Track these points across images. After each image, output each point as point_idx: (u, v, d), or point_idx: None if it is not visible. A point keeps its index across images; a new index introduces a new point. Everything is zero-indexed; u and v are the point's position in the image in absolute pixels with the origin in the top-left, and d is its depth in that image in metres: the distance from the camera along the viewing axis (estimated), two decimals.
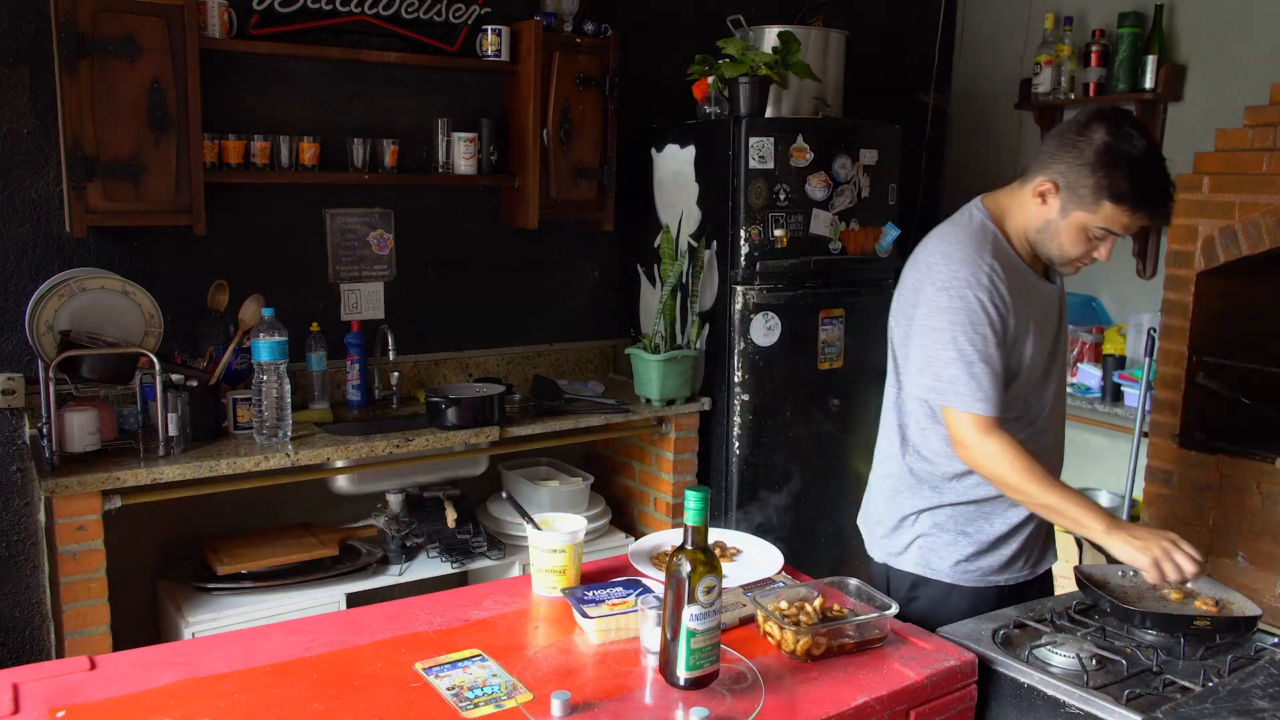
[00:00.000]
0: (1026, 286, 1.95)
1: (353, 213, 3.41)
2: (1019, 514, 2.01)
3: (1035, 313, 1.95)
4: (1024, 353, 1.94)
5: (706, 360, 3.59)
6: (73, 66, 2.70)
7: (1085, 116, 1.86)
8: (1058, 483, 1.86)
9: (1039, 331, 1.95)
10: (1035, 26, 4.16)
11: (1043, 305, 1.99)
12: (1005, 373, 1.91)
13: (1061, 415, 2.13)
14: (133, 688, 1.47)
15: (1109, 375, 3.63)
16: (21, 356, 2.91)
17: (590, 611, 1.68)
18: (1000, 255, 1.92)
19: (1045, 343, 1.98)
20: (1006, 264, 1.92)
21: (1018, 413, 1.98)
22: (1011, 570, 2.06)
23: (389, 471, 3.13)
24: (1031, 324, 1.94)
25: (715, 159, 3.49)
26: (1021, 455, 1.85)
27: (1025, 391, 1.98)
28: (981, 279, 1.87)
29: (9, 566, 2.97)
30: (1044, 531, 2.11)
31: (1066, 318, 2.11)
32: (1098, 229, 1.85)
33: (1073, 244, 1.89)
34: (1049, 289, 2.02)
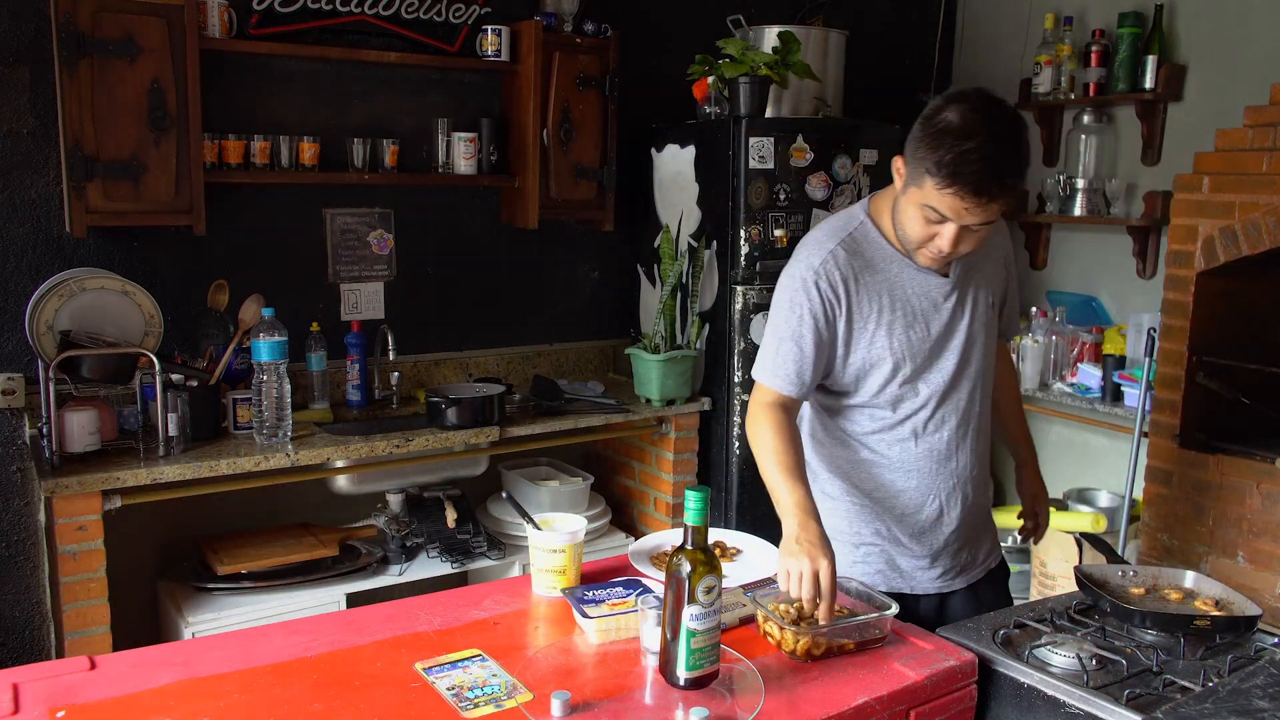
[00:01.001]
0: (891, 275, 1.88)
1: (353, 213, 3.41)
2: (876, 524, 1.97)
3: (899, 304, 1.88)
4: (875, 345, 1.87)
5: (706, 360, 3.59)
6: (73, 66, 2.70)
7: (945, 94, 1.79)
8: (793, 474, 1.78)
9: (904, 323, 1.87)
10: (1035, 26, 4.16)
11: (918, 296, 1.89)
12: (852, 365, 1.88)
13: (974, 419, 1.96)
14: (133, 688, 1.47)
15: (1109, 375, 3.63)
16: (21, 356, 2.91)
17: (590, 611, 1.67)
18: (856, 242, 1.88)
19: (916, 336, 1.88)
20: (863, 250, 1.87)
21: (891, 411, 1.91)
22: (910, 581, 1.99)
23: (389, 471, 3.13)
24: (888, 315, 1.87)
25: (715, 159, 3.49)
26: (777, 436, 1.82)
27: (890, 389, 1.90)
28: (814, 263, 1.86)
29: (9, 566, 2.97)
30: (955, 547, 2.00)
31: (983, 314, 1.95)
32: (928, 208, 1.74)
33: (912, 224, 1.79)
34: (934, 281, 1.89)
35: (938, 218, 1.74)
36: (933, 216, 1.75)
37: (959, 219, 1.72)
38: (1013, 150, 1.70)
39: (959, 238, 1.75)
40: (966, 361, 1.93)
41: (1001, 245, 2.04)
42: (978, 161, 1.66)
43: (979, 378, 1.96)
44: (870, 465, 1.96)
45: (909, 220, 1.80)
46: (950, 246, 1.76)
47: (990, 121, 1.68)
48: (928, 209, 1.74)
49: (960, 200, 1.69)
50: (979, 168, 1.66)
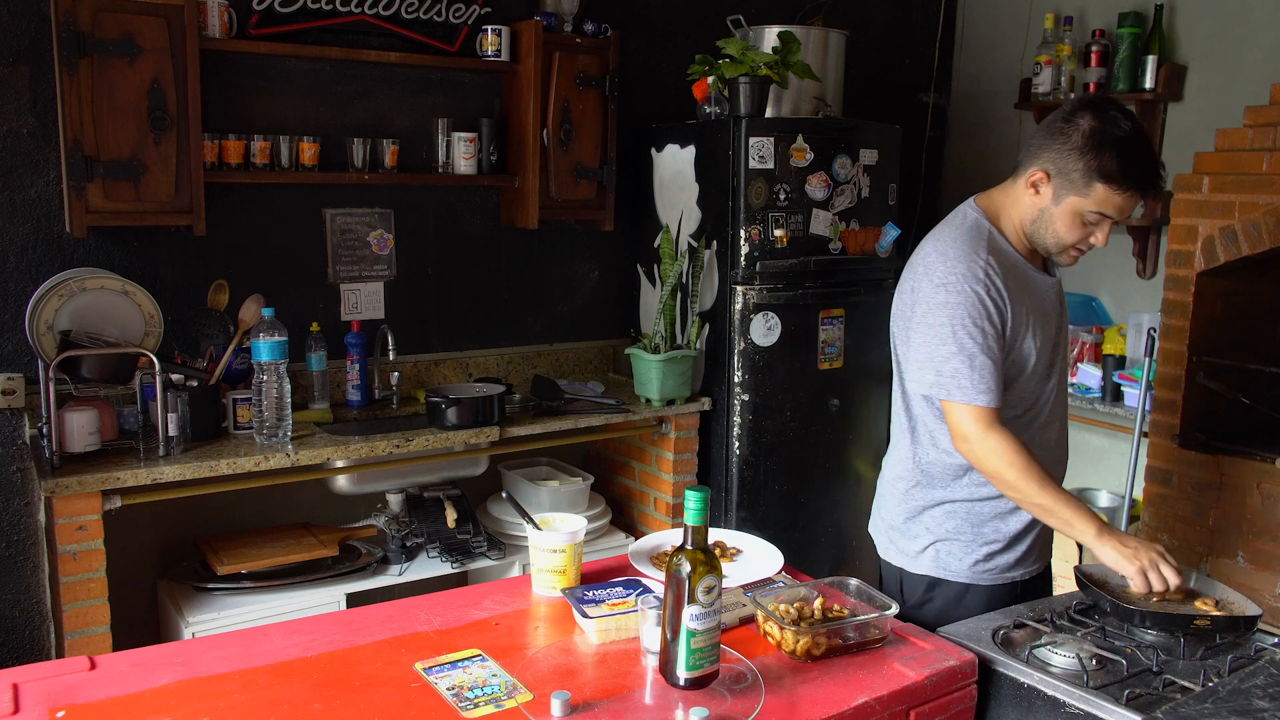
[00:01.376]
0: (1025, 280, 1.96)
1: (353, 213, 3.41)
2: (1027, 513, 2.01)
3: (1035, 306, 1.97)
4: (1026, 347, 1.95)
5: (706, 360, 3.59)
6: (73, 66, 2.70)
7: (1071, 105, 1.90)
8: (1053, 483, 1.87)
9: (1040, 325, 1.97)
10: (1035, 26, 4.16)
11: (1043, 298, 2.00)
12: (1008, 367, 1.92)
13: (1064, 409, 2.13)
14: (133, 688, 1.47)
15: (1109, 375, 3.63)
16: (21, 356, 2.91)
17: (590, 611, 1.68)
18: (996, 251, 1.93)
19: (1047, 336, 1.99)
20: (1003, 259, 1.93)
21: (1023, 409, 1.99)
22: (1024, 566, 2.06)
23: (389, 471, 3.13)
24: (1032, 318, 1.95)
25: (715, 159, 3.49)
26: (1020, 452, 1.85)
27: (1029, 387, 1.99)
28: (978, 273, 1.89)
29: (9, 566, 2.97)
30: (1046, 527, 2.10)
31: (1067, 312, 2.12)
32: (1091, 213, 1.87)
33: (1068, 230, 1.90)
34: (1048, 282, 2.04)
35: (1098, 218, 1.88)
36: (1093, 219, 1.88)
37: (1120, 216, 1.87)
38: (1150, 142, 1.88)
39: (1109, 233, 1.91)
40: (1065, 357, 2.09)
41: None
42: (1150, 158, 1.84)
43: (1066, 374, 2.12)
44: None
45: (1065, 228, 1.91)
46: (1104, 242, 1.92)
47: (1136, 123, 1.85)
48: (1090, 213, 1.87)
49: (1135, 198, 1.85)
50: (1154, 164, 1.84)
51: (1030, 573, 2.08)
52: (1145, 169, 1.84)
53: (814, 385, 3.61)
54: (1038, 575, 2.12)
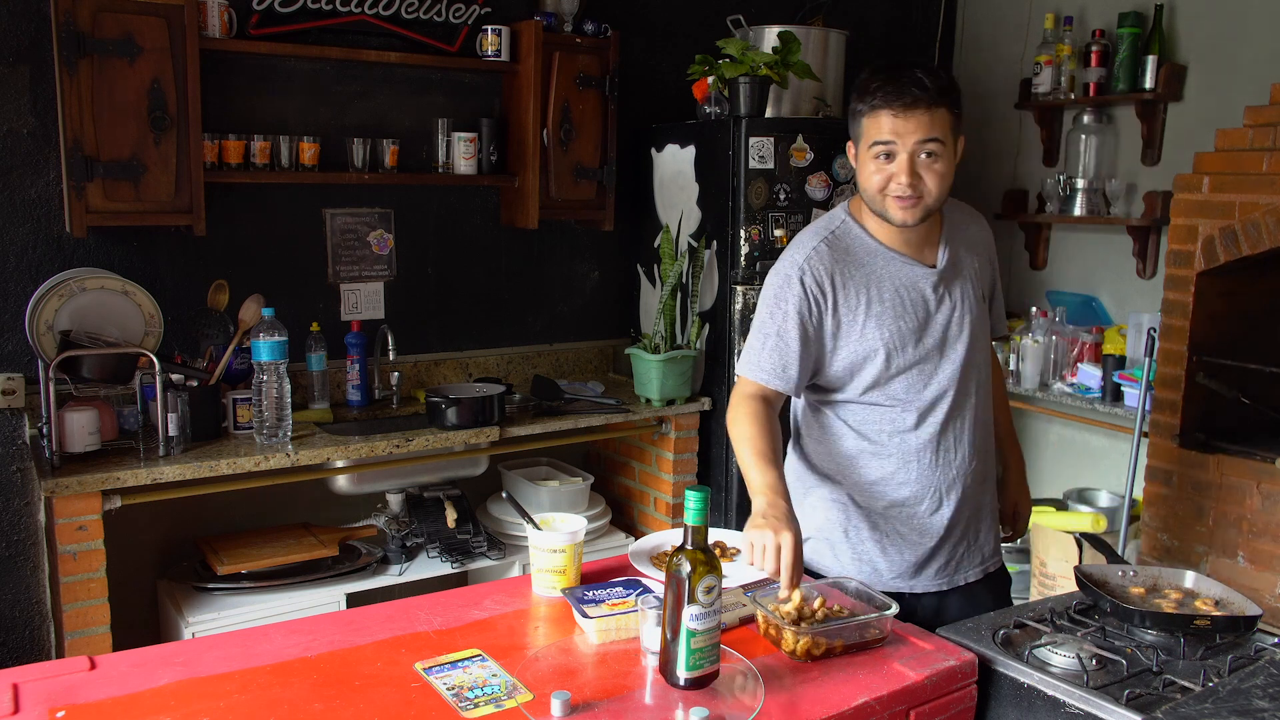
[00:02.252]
0: (877, 268, 1.92)
1: (353, 213, 3.41)
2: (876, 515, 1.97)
3: (888, 295, 1.91)
4: (867, 335, 1.89)
5: (706, 360, 3.59)
6: (73, 66, 2.70)
7: None
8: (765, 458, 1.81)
9: (894, 315, 1.90)
10: (1035, 26, 4.16)
11: (905, 287, 1.92)
12: (846, 355, 1.91)
13: (972, 418, 1.98)
14: (133, 688, 1.47)
15: (1109, 375, 3.63)
16: (21, 356, 2.91)
17: (590, 611, 1.67)
18: (838, 239, 1.94)
19: (905, 329, 1.91)
20: (847, 246, 1.93)
21: (893, 404, 1.92)
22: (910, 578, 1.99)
23: (389, 471, 3.13)
24: (878, 305, 1.90)
25: (715, 159, 3.49)
26: (752, 423, 1.86)
27: (890, 383, 1.92)
28: (797, 260, 1.92)
29: (9, 566, 2.97)
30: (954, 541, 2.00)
31: (966, 305, 1.96)
32: (874, 147, 1.83)
33: (869, 177, 1.86)
34: (920, 271, 1.93)
35: (885, 150, 1.83)
36: (880, 151, 1.83)
37: (903, 140, 1.81)
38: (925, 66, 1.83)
39: (913, 166, 1.82)
40: (958, 351, 1.95)
41: (985, 241, 2.08)
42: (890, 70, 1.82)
43: (974, 369, 1.98)
44: (869, 458, 1.96)
45: (866, 176, 1.87)
46: (908, 174, 1.82)
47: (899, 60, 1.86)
48: (875, 147, 1.83)
49: (893, 115, 1.80)
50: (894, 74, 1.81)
51: (926, 586, 1.99)
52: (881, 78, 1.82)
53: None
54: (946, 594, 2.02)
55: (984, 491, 2.06)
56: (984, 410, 2.02)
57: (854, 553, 1.98)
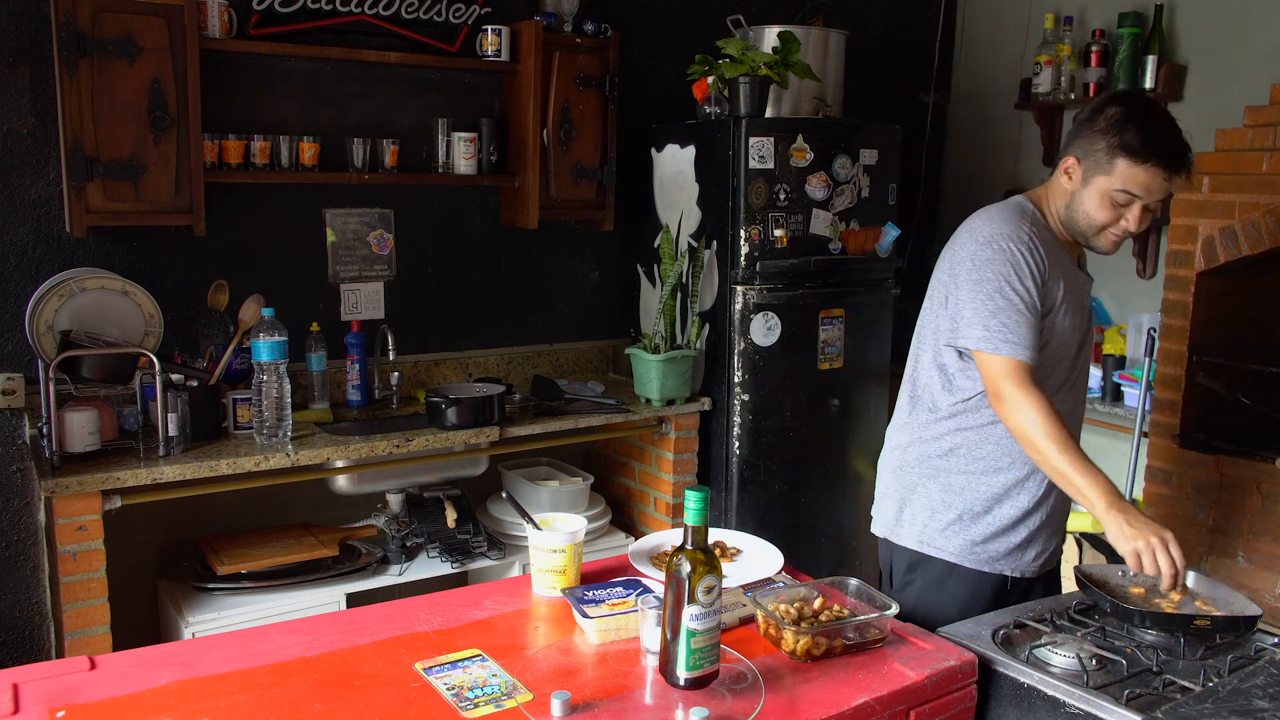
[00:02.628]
0: (1065, 264, 2.01)
1: (353, 213, 3.41)
2: (1028, 498, 2.01)
3: (1072, 291, 2.00)
4: (1059, 321, 1.97)
5: (706, 360, 3.59)
6: (73, 66, 2.70)
7: (1103, 98, 1.98)
8: (1077, 450, 1.84)
9: (1074, 309, 2.00)
10: (1035, 26, 4.16)
11: (1078, 289, 2.04)
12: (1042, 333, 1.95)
13: (1080, 403, 2.14)
14: (133, 688, 1.47)
15: (1109, 375, 3.63)
16: (21, 356, 2.91)
17: (590, 611, 1.68)
18: (1038, 226, 1.99)
19: (1077, 323, 2.02)
20: (1044, 237, 1.98)
21: (1046, 380, 2.00)
22: (1017, 559, 2.05)
23: (389, 471, 3.13)
24: (1070, 299, 1.99)
25: (715, 159, 3.49)
26: (1051, 413, 1.85)
27: (1054, 366, 2.01)
28: (1022, 236, 1.94)
29: (9, 566, 2.97)
30: (1055, 524, 2.10)
31: (1094, 318, 2.17)
32: (1118, 192, 1.90)
33: (1097, 209, 1.93)
34: (1084, 277, 2.08)
35: (1126, 199, 1.90)
36: (1121, 199, 1.90)
37: (1148, 196, 1.89)
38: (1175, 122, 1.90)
39: (1142, 218, 1.91)
40: (1088, 357, 2.09)
41: None
42: (1173, 136, 1.88)
43: (1087, 376, 2.13)
44: (1003, 436, 2.00)
45: (1093, 209, 1.93)
46: (1136, 225, 1.92)
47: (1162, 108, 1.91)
48: (1117, 193, 1.89)
49: (1157, 172, 1.86)
50: (1176, 141, 1.87)
51: (1024, 570, 2.06)
52: (1165, 141, 1.87)
53: (814, 385, 3.61)
54: (1036, 579, 2.10)
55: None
56: (1082, 405, 2.15)
57: (965, 535, 2.03)
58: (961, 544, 2.02)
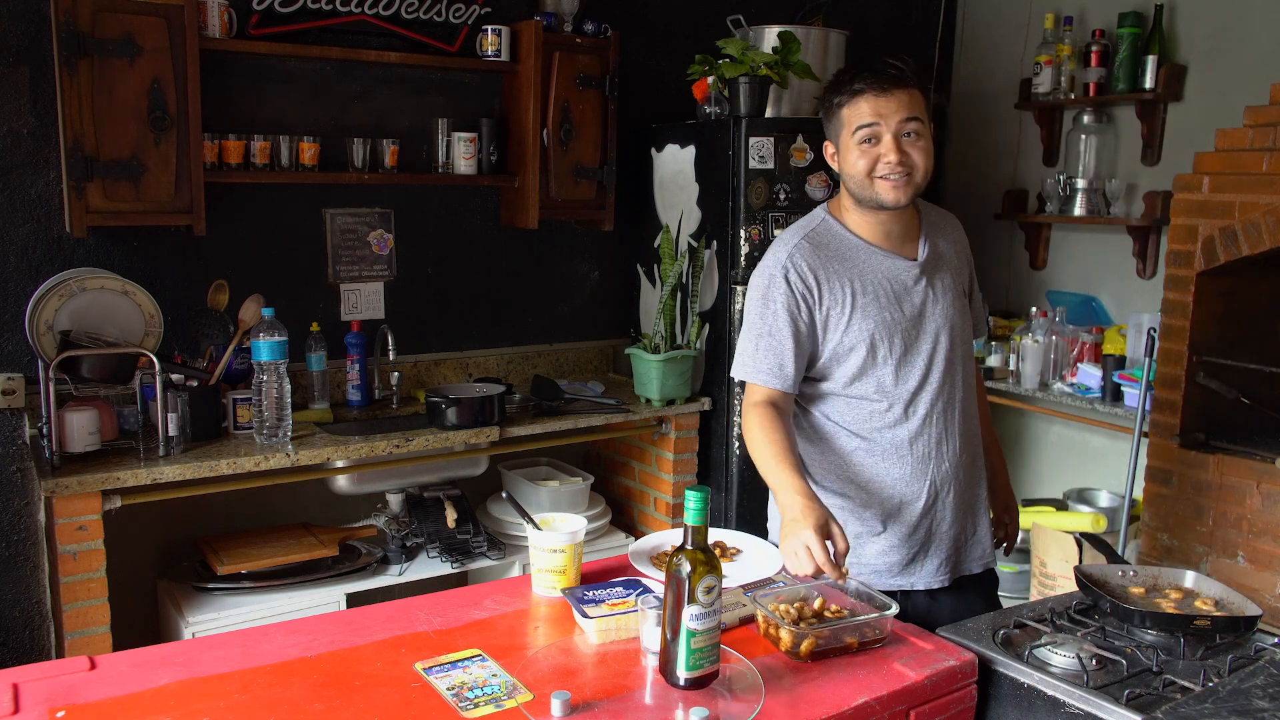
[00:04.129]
0: (859, 262, 1.95)
1: (353, 213, 3.41)
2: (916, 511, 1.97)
3: (871, 286, 1.93)
4: (853, 328, 1.92)
5: (706, 360, 3.59)
6: (73, 66, 2.70)
7: None
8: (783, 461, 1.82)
9: (878, 305, 1.93)
10: (1035, 26, 4.16)
11: (887, 279, 1.95)
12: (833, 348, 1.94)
13: (957, 411, 2.00)
14: (133, 688, 1.47)
15: (1109, 375, 3.63)
16: (21, 356, 2.91)
17: (590, 611, 1.67)
18: (819, 236, 1.98)
19: (891, 320, 1.93)
20: (827, 243, 1.97)
21: (883, 400, 1.94)
22: (917, 573, 1.99)
23: (389, 471, 3.13)
24: (862, 297, 1.92)
25: (715, 159, 3.49)
26: (767, 429, 1.87)
27: (877, 374, 1.93)
28: (781, 258, 1.95)
29: (9, 566, 2.97)
30: (954, 532, 2.01)
31: (948, 297, 1.99)
32: (857, 132, 1.90)
33: (854, 162, 1.92)
34: (901, 264, 1.96)
35: (867, 134, 1.89)
36: (863, 136, 1.90)
37: (886, 120, 1.87)
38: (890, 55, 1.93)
39: (899, 145, 1.88)
40: (942, 343, 1.98)
41: (961, 240, 2.12)
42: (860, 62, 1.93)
43: (959, 362, 2.01)
44: (863, 455, 1.97)
45: (851, 163, 1.92)
46: (896, 152, 1.88)
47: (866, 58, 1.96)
48: (860, 132, 1.89)
49: (874, 96, 1.87)
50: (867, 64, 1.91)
51: (929, 582, 1.99)
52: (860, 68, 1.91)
53: None
54: (949, 588, 2.02)
55: (978, 484, 2.08)
56: (970, 403, 2.06)
57: (855, 553, 1.98)
58: (863, 565, 1.99)
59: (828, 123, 1.99)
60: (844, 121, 1.93)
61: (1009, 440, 4.30)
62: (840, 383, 1.96)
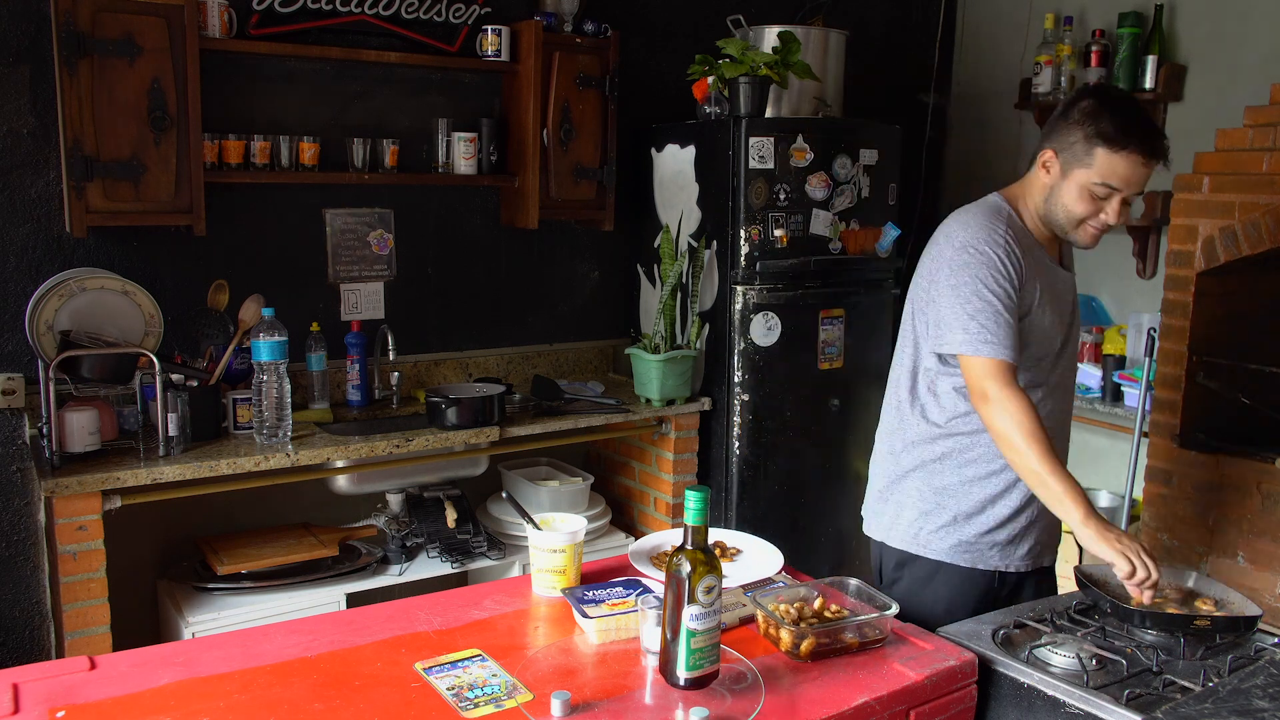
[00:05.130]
0: (1041, 262, 2.01)
1: (353, 213, 3.41)
2: (1019, 496, 2.01)
3: (1049, 288, 2.00)
4: (1038, 320, 1.98)
5: (706, 360, 3.59)
6: (73, 66, 2.70)
7: (1076, 92, 2.00)
8: (1056, 456, 1.84)
9: (1053, 307, 2.00)
10: (1035, 26, 4.16)
11: (1057, 286, 2.04)
12: (1021, 333, 1.95)
13: (1067, 403, 2.14)
14: (133, 688, 1.47)
15: (1109, 375, 3.63)
16: (21, 356, 2.91)
17: (590, 611, 1.68)
18: (1014, 228, 1.99)
19: (1058, 320, 2.02)
20: (1021, 237, 1.99)
21: (1030, 380, 2.01)
22: (1007, 557, 2.05)
23: (389, 471, 3.13)
24: (1047, 297, 1.99)
25: (715, 159, 3.49)
26: (1033, 416, 1.85)
27: (1036, 366, 2.01)
28: (997, 238, 1.94)
29: (9, 566, 2.97)
30: (1046, 520, 2.09)
31: (1079, 313, 2.14)
32: (1097, 184, 1.91)
33: (1076, 202, 1.94)
34: (1063, 274, 2.08)
35: (1105, 192, 1.91)
36: (1100, 192, 1.91)
37: (1126, 187, 1.89)
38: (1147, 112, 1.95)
39: (1121, 210, 1.92)
40: (1072, 347, 2.09)
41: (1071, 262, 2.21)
42: (1148, 122, 1.90)
43: (1075, 368, 2.14)
44: (985, 435, 1.99)
45: (1072, 202, 1.94)
46: (1115, 218, 1.93)
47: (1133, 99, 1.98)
48: (1096, 186, 1.90)
49: (1135, 160, 1.87)
50: (1150, 127, 1.89)
51: (1013, 565, 2.06)
52: (1141, 128, 1.88)
53: (814, 385, 3.61)
54: (1026, 575, 2.09)
55: None
56: (1070, 403, 2.15)
57: (957, 535, 2.03)
58: (953, 544, 2.03)
59: (1068, 138, 1.94)
60: (1095, 163, 1.91)
61: None
62: None
